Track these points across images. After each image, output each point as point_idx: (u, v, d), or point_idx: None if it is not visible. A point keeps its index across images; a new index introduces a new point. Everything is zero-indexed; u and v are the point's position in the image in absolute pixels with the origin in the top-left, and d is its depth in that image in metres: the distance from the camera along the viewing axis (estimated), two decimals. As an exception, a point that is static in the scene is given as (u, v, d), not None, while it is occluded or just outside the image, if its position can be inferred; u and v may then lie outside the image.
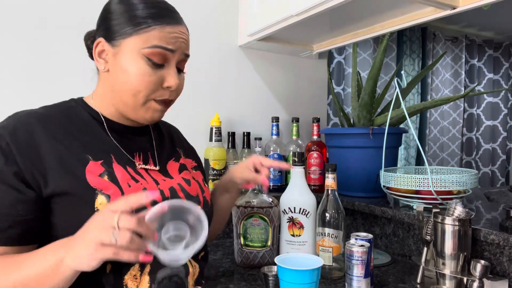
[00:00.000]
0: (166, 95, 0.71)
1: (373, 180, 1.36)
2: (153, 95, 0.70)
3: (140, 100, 0.69)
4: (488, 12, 2.28)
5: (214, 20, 1.55)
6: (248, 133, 1.53)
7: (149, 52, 0.67)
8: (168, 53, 0.69)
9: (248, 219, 1.07)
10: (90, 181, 0.64)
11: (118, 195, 0.65)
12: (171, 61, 0.71)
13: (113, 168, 0.68)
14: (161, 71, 0.70)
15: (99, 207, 0.63)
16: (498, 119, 2.86)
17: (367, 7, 1.23)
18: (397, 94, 1.15)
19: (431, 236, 0.92)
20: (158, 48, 0.68)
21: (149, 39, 0.68)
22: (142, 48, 0.67)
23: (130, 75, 0.68)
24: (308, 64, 1.80)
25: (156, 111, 0.72)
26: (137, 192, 0.65)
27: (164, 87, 0.70)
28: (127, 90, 0.69)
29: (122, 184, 0.67)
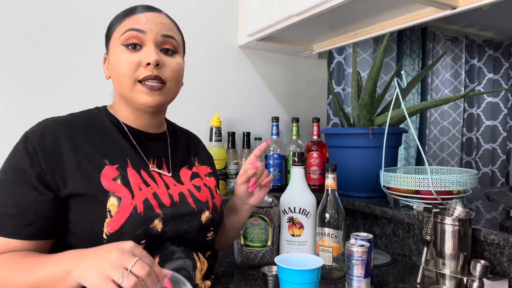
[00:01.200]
0: (148, 71, 0.73)
1: (373, 180, 1.36)
2: (135, 75, 0.73)
3: (127, 84, 0.73)
4: (488, 12, 2.28)
5: (214, 20, 1.55)
6: (248, 133, 1.53)
7: (123, 39, 0.73)
8: (139, 34, 0.73)
9: (248, 219, 1.07)
10: (104, 184, 0.69)
11: (128, 197, 0.70)
12: (146, 42, 0.74)
13: (127, 172, 0.73)
14: (139, 52, 0.74)
15: (111, 208, 0.68)
16: (498, 119, 2.86)
17: (367, 7, 1.23)
18: (397, 94, 1.15)
19: (431, 236, 0.92)
20: (128, 31, 0.73)
21: (122, 29, 0.74)
22: (118, 39, 0.74)
23: (116, 66, 0.74)
24: (308, 64, 1.80)
25: (144, 94, 0.74)
26: (145, 195, 0.72)
27: (144, 66, 0.73)
28: (117, 79, 0.75)
29: (134, 187, 0.71)
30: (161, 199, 0.74)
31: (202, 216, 0.80)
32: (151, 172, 0.77)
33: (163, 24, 0.77)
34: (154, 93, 0.74)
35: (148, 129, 0.82)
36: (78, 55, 1.29)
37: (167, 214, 0.73)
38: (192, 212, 0.78)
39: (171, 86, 0.77)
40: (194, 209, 0.79)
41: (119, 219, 0.67)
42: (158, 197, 0.74)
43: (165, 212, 0.73)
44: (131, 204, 0.69)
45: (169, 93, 0.78)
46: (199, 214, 0.79)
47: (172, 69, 0.76)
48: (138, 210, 0.69)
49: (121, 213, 0.68)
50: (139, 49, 0.74)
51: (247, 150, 1.51)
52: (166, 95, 0.77)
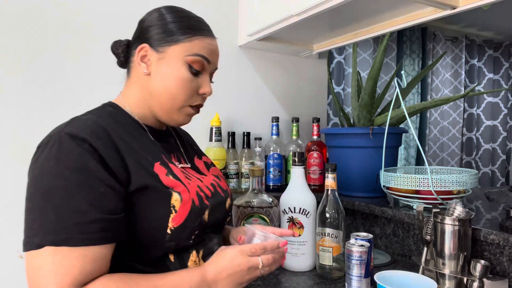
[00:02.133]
0: (199, 100, 0.78)
1: (373, 180, 1.36)
2: (189, 101, 0.76)
3: (177, 104, 0.75)
4: (488, 12, 2.28)
5: (214, 20, 1.53)
6: (248, 133, 1.53)
7: (191, 60, 0.74)
8: (206, 62, 0.76)
9: (248, 219, 1.07)
10: (163, 180, 0.69)
11: (186, 192, 0.71)
12: (207, 70, 0.78)
13: (171, 168, 0.73)
14: (198, 79, 0.76)
15: (175, 203, 0.69)
16: (498, 119, 2.86)
17: (367, 7, 1.23)
18: (397, 94, 1.15)
19: (431, 236, 0.92)
20: (199, 56, 0.75)
21: (192, 48, 0.74)
22: (186, 56, 0.74)
23: (171, 80, 0.74)
24: (308, 64, 1.80)
25: (188, 116, 0.79)
26: (195, 188, 0.74)
27: (199, 94, 0.77)
28: (167, 93, 0.74)
29: (184, 181, 0.73)
30: (205, 191, 0.77)
31: (226, 203, 0.85)
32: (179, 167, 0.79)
33: (218, 55, 0.81)
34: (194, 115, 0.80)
35: (159, 127, 0.83)
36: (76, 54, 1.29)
37: (212, 204, 0.77)
38: (223, 200, 0.83)
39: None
40: (224, 198, 0.84)
41: (183, 214, 0.69)
42: (202, 189, 0.77)
43: (211, 203, 0.77)
44: (190, 198, 0.71)
45: None
46: (225, 201, 0.85)
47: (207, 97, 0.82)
48: (196, 203, 0.72)
49: (184, 208, 0.69)
50: (198, 75, 0.76)
51: (247, 150, 1.51)
52: None
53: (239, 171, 1.50)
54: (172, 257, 0.71)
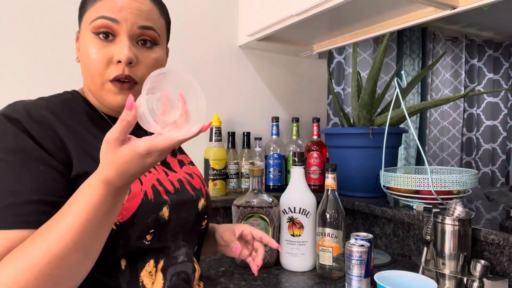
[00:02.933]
0: (117, 70, 0.64)
1: (373, 180, 1.36)
2: (106, 74, 0.64)
3: (96, 81, 0.65)
4: (488, 12, 2.28)
5: (214, 20, 1.55)
6: (248, 133, 1.53)
7: (94, 26, 0.63)
8: (113, 24, 0.63)
9: (248, 219, 1.07)
10: None
11: (137, 184, 0.64)
12: (120, 33, 0.64)
13: None
14: (112, 45, 0.64)
15: None
16: (498, 119, 2.86)
17: (367, 7, 1.23)
18: (397, 94, 1.15)
19: (431, 236, 0.92)
20: (100, 18, 0.63)
21: (94, 13, 0.64)
22: (89, 24, 0.64)
23: (85, 55, 0.65)
24: (308, 64, 1.80)
25: (114, 94, 0.65)
26: (151, 181, 0.66)
27: (115, 63, 0.64)
28: (86, 72, 0.66)
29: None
30: (165, 185, 0.69)
31: (199, 204, 0.76)
32: None
33: (141, 12, 0.66)
34: (124, 94, 0.66)
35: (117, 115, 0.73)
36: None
37: (173, 200, 0.69)
38: (192, 199, 0.74)
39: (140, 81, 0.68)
40: (193, 196, 0.75)
41: (131, 207, 0.61)
42: (162, 183, 0.69)
43: (171, 199, 0.68)
44: (141, 190, 0.64)
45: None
46: (196, 201, 0.75)
47: (148, 66, 0.67)
48: (149, 196, 0.64)
49: (132, 200, 0.62)
50: (112, 40, 0.64)
51: (247, 150, 1.51)
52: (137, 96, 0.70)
53: (239, 171, 1.50)
54: (124, 263, 0.63)
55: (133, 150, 0.49)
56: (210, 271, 1.05)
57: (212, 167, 1.42)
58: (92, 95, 0.69)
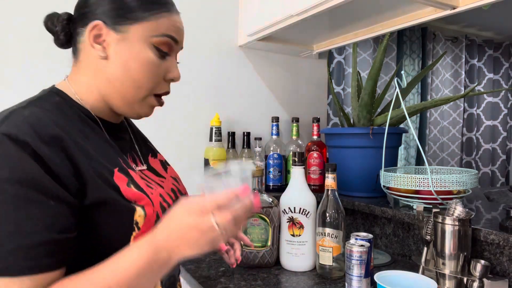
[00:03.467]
0: (167, 87, 0.67)
1: (373, 180, 1.36)
2: (156, 89, 0.65)
3: (141, 93, 0.64)
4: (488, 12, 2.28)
5: (214, 20, 1.55)
6: (248, 133, 1.53)
7: (158, 41, 0.63)
8: (174, 43, 0.65)
9: (248, 218, 1.07)
10: (125, 193, 0.58)
11: (150, 206, 0.61)
12: (174, 52, 0.67)
13: (131, 174, 0.62)
14: (165, 62, 0.65)
15: (138, 219, 0.58)
16: (498, 119, 2.86)
17: (367, 7, 1.23)
18: (397, 94, 1.15)
19: (431, 236, 0.92)
20: (167, 37, 0.64)
21: (159, 27, 0.63)
22: (152, 36, 0.62)
23: (136, 65, 0.62)
24: (308, 64, 1.80)
25: (151, 108, 0.67)
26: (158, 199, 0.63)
27: (166, 79, 0.66)
28: (130, 81, 0.62)
29: (147, 191, 0.62)
30: (167, 200, 0.67)
31: None
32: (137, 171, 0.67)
33: (184, 35, 0.69)
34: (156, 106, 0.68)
35: (114, 119, 0.70)
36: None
37: None
38: None
39: None
40: None
41: (146, 231, 0.58)
42: (165, 198, 0.67)
43: None
44: (154, 212, 0.61)
45: None
46: None
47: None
48: (160, 217, 0.62)
49: (147, 224, 0.60)
50: (165, 57, 0.65)
51: (247, 150, 1.51)
52: None
53: (239, 171, 1.50)
54: None
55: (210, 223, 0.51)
56: (210, 271, 1.05)
57: (212, 167, 1.42)
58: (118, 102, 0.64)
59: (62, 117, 0.58)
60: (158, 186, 0.69)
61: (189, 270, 1.06)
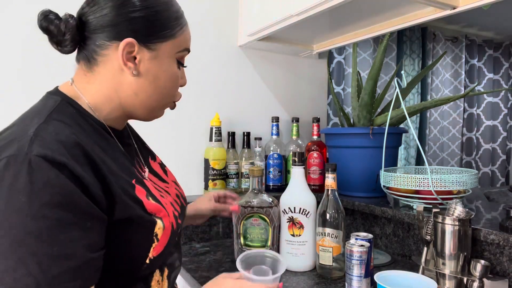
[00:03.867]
0: (180, 93, 0.72)
1: (373, 180, 1.36)
2: (174, 96, 0.70)
3: (165, 103, 0.69)
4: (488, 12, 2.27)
5: (214, 20, 1.55)
6: (248, 133, 1.53)
7: (181, 56, 0.68)
8: (187, 53, 0.70)
9: (248, 219, 1.07)
10: (146, 206, 0.59)
11: (166, 217, 0.63)
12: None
13: (146, 185, 0.64)
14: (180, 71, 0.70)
15: (158, 232, 0.60)
16: (498, 119, 2.86)
17: (367, 7, 1.23)
18: (397, 94, 1.15)
19: (431, 236, 0.92)
20: (186, 51, 0.69)
21: (181, 42, 0.67)
22: (176, 52, 0.66)
23: (164, 80, 0.65)
24: (308, 64, 1.80)
25: (164, 110, 0.72)
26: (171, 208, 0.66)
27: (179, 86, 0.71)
28: (158, 93, 0.65)
29: (162, 202, 0.64)
30: (176, 208, 0.70)
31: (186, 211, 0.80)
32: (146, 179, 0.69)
33: None
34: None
35: (120, 126, 0.70)
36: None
37: (182, 222, 0.73)
38: (186, 211, 0.79)
39: None
40: (186, 207, 0.78)
41: (164, 242, 0.62)
42: (175, 207, 0.69)
43: (182, 220, 0.72)
44: (170, 223, 0.64)
45: None
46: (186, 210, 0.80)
47: None
48: (174, 227, 0.65)
49: (165, 235, 0.62)
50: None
51: (247, 150, 1.51)
52: None
53: (239, 171, 1.50)
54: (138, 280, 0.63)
55: None
56: (210, 271, 1.05)
57: (212, 167, 1.42)
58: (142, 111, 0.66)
59: (80, 130, 0.56)
60: (167, 194, 0.71)
61: (189, 270, 1.06)
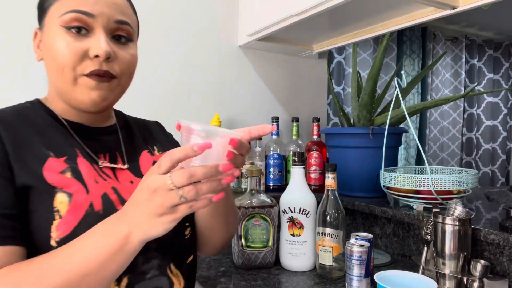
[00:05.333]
0: (93, 66, 0.60)
1: (373, 180, 1.36)
2: (80, 68, 0.60)
3: (67, 76, 0.60)
4: (488, 12, 2.28)
5: (214, 20, 1.55)
6: (248, 133, 1.53)
7: (66, 20, 0.59)
8: (87, 18, 0.60)
9: (250, 219, 1.07)
10: (48, 178, 0.58)
11: (82, 193, 0.59)
12: (96, 28, 0.61)
13: (78, 163, 0.62)
14: (86, 39, 0.60)
15: (59, 206, 0.56)
16: (498, 119, 2.86)
17: (367, 7, 1.23)
18: (397, 94, 1.15)
19: (431, 236, 0.92)
20: (73, 12, 0.59)
21: (63, 6, 0.60)
22: (59, 17, 0.59)
23: (53, 50, 0.60)
24: (308, 64, 1.80)
25: (92, 89, 0.61)
26: (103, 189, 0.61)
27: (91, 58, 0.60)
28: (55, 69, 0.61)
29: (88, 180, 0.60)
30: (122, 194, 0.63)
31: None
32: (103, 169, 0.65)
33: (117, 6, 0.63)
34: (102, 87, 0.62)
35: (92, 124, 0.69)
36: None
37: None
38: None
39: (121, 82, 0.65)
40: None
41: (72, 220, 0.56)
42: (119, 192, 0.63)
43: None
44: (86, 200, 0.58)
45: (116, 89, 0.65)
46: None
47: (125, 62, 0.64)
48: (95, 208, 0.58)
49: (73, 213, 0.56)
50: (86, 34, 0.60)
51: (247, 150, 1.51)
52: (114, 90, 0.65)
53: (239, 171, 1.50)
54: None
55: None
56: (210, 271, 1.05)
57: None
58: (60, 95, 0.65)
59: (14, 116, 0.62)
60: (127, 182, 0.66)
61: (189, 270, 1.06)
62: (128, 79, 0.67)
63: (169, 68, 1.44)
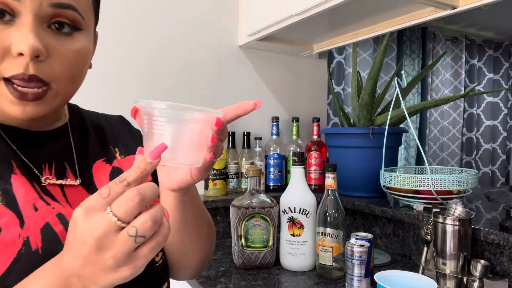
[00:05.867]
0: (20, 67, 0.43)
1: (373, 180, 1.36)
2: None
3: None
4: (488, 12, 2.28)
5: (214, 20, 1.55)
6: (248, 133, 1.53)
7: None
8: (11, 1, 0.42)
9: (250, 219, 1.07)
10: None
11: (15, 225, 0.44)
12: (22, 13, 0.43)
13: (11, 183, 0.47)
14: (10, 29, 0.43)
15: None
16: (498, 119, 2.86)
17: (367, 7, 1.23)
18: (397, 94, 1.15)
19: (431, 236, 0.92)
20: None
21: None
22: None
23: None
24: (308, 64, 1.80)
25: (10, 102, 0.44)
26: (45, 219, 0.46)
27: (15, 56, 0.43)
28: None
29: (24, 207, 0.46)
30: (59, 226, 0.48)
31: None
32: (47, 187, 0.50)
33: None
34: (28, 104, 0.45)
35: (34, 128, 0.53)
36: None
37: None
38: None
39: (60, 88, 0.47)
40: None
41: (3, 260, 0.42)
42: (67, 220, 0.48)
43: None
44: (20, 236, 0.44)
45: (57, 98, 0.48)
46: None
47: (65, 61, 0.47)
48: (32, 245, 0.44)
49: (1, 254, 0.43)
50: (10, 21, 0.43)
51: (247, 150, 1.51)
52: (51, 103, 0.48)
53: (239, 171, 1.50)
54: None
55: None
56: (210, 271, 1.05)
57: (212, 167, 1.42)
58: None
59: None
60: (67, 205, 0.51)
61: (189, 270, 1.06)
62: (71, 84, 0.49)
63: (169, 68, 1.44)
